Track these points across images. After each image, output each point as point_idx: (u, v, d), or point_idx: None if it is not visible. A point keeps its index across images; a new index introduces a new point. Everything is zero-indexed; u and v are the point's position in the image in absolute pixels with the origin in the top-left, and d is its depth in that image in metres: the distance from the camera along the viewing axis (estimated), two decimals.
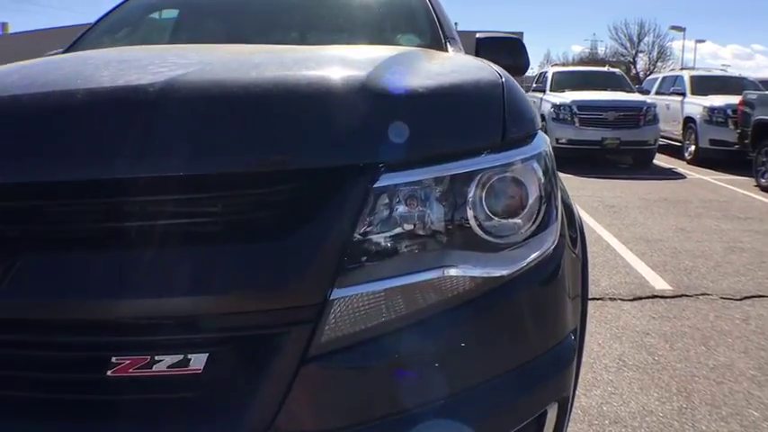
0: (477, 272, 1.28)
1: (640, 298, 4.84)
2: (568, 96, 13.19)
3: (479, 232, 1.30)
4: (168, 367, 1.16)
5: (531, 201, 1.35)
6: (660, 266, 5.71)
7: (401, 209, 1.26)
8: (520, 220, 1.33)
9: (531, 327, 1.39)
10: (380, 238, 1.24)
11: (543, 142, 1.48)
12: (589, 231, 6.94)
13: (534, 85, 16.65)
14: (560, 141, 12.56)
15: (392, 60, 1.62)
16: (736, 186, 10.57)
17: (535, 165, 1.38)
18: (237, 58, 1.69)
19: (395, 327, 1.23)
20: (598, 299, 4.79)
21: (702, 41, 62.85)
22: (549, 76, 15.66)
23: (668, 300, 4.82)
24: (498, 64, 1.73)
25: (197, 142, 1.23)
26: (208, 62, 1.58)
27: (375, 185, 1.23)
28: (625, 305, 4.68)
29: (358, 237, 1.22)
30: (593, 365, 3.61)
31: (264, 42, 2.50)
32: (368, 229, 1.23)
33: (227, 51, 1.91)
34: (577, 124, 12.66)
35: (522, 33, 36.30)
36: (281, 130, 1.27)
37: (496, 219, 1.31)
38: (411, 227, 1.26)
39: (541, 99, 14.30)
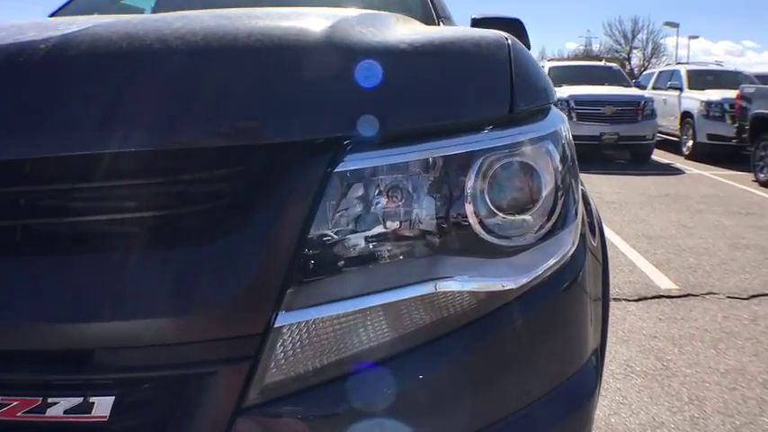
0: (479, 284, 0.99)
1: (646, 298, 4.66)
2: (565, 91, 13.01)
3: (481, 232, 0.99)
4: (65, 412, 0.88)
5: (545, 192, 1.05)
6: (664, 264, 5.52)
7: (375, 201, 0.96)
8: (530, 217, 1.03)
9: (544, 355, 1.10)
10: (347, 242, 0.94)
11: (560, 119, 1.17)
12: None
13: None
14: None
15: (368, 15, 1.23)
16: (734, 181, 10.44)
17: (550, 146, 1.07)
18: (161, 16, 1.21)
19: (367, 364, 0.94)
20: None
21: (696, 38, 62.96)
22: (546, 70, 15.38)
23: (674, 300, 4.64)
24: None
25: (96, 111, 0.91)
26: (128, 19, 1.13)
27: (337, 169, 0.92)
28: (630, 306, 4.49)
29: (315, 240, 0.92)
30: None
31: None
32: (328, 230, 0.93)
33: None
34: (575, 119, 12.46)
35: None
36: (205, 93, 0.94)
37: (502, 215, 1.01)
38: (390, 226, 0.96)
39: None
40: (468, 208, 0.99)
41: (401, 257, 0.97)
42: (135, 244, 0.90)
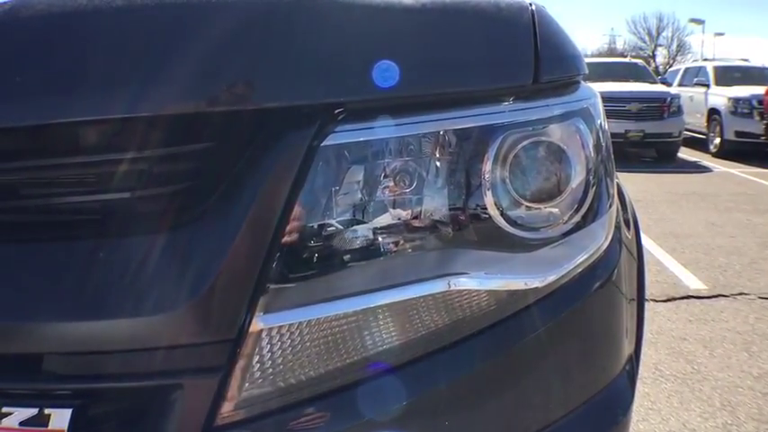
0: (499, 282, 0.86)
1: (674, 299, 4.50)
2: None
3: (501, 222, 0.86)
4: (21, 424, 0.77)
5: (575, 178, 0.91)
6: (693, 264, 5.35)
7: (374, 182, 0.82)
8: (558, 209, 0.90)
9: (573, 364, 0.96)
10: (340, 232, 0.80)
11: (592, 95, 1.03)
12: None
13: None
14: None
15: None
16: (763, 179, 10.20)
17: (581, 124, 0.94)
18: None
19: (367, 375, 0.81)
20: None
21: (721, 35, 61.96)
22: None
23: (704, 300, 4.48)
24: None
25: (48, 75, 0.76)
26: None
27: (324, 143, 0.78)
28: (659, 307, 4.33)
29: (300, 230, 0.78)
30: None
31: None
32: (316, 218, 0.79)
33: None
34: None
35: None
36: (184, 51, 0.77)
37: (525, 203, 0.88)
38: (393, 212, 0.83)
39: None
40: (487, 193, 0.86)
41: (407, 250, 0.84)
42: (85, 234, 0.78)
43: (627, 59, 17.88)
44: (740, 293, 4.64)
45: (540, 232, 0.90)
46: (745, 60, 18.07)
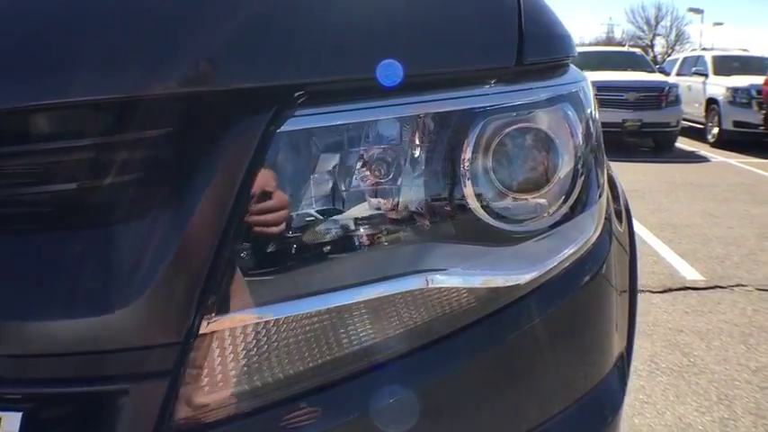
0: (481, 279, 0.80)
1: (671, 290, 4.44)
2: (587, 76, 12.68)
3: (481, 213, 0.80)
4: None
5: (563, 167, 0.85)
6: (690, 255, 5.29)
7: (342, 172, 0.75)
8: (544, 199, 0.84)
9: (560, 364, 0.89)
10: (302, 225, 0.73)
11: (582, 79, 0.97)
12: None
13: None
14: None
15: None
16: (762, 169, 10.13)
17: (569, 110, 0.87)
18: None
19: (332, 379, 0.75)
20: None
21: (720, 24, 61.87)
22: None
23: (701, 292, 4.42)
24: None
25: None
26: None
27: (282, 128, 0.71)
28: (655, 298, 4.27)
29: (255, 223, 0.71)
30: None
31: None
32: (275, 211, 0.72)
33: None
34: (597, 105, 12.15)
35: None
36: (138, 27, 0.70)
37: (509, 192, 0.81)
38: (364, 205, 0.76)
39: None
40: (467, 183, 0.79)
41: (380, 245, 0.77)
42: (26, 229, 0.71)
43: (625, 48, 17.76)
44: (738, 285, 4.58)
45: (524, 225, 0.83)
46: (745, 50, 17.96)
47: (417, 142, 0.78)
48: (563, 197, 0.86)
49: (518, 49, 0.84)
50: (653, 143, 12.74)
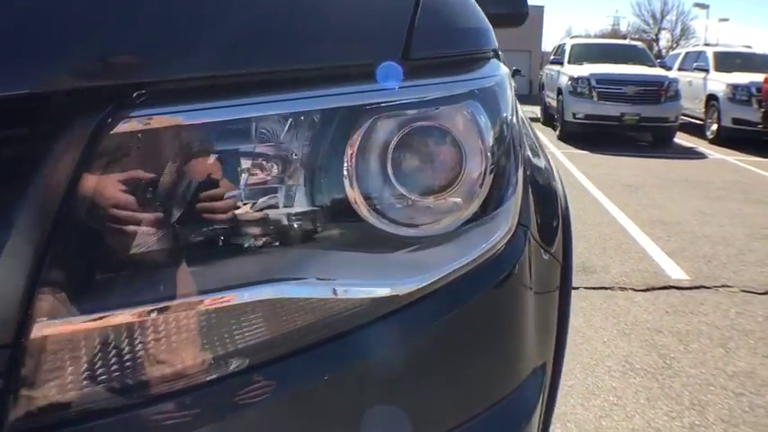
0: (363, 289, 0.73)
1: (654, 288, 4.36)
2: (587, 69, 12.66)
3: (372, 218, 0.73)
4: None
5: (465, 168, 0.77)
6: (677, 253, 5.21)
7: (189, 176, 0.67)
8: (442, 202, 0.77)
9: (455, 377, 0.82)
10: (148, 230, 0.66)
11: (499, 69, 0.89)
12: (602, 212, 6.56)
13: (552, 58, 16.03)
14: (577, 116, 12.20)
15: None
16: (759, 168, 10.05)
17: (474, 108, 0.79)
18: None
19: (187, 385, 0.68)
20: (607, 288, 4.31)
21: (726, 20, 61.57)
22: (568, 48, 14.95)
23: (685, 291, 4.34)
24: (489, 8, 1.15)
25: None
26: None
27: (117, 129, 0.64)
28: (637, 296, 4.20)
29: (88, 225, 0.64)
30: (594, 369, 3.15)
31: None
32: (113, 215, 0.64)
33: None
34: (595, 98, 12.13)
35: (542, 8, 35.63)
36: None
37: (407, 197, 0.75)
38: (212, 209, 0.68)
39: (559, 72, 13.82)
40: (353, 184, 0.72)
41: (228, 250, 0.69)
42: None
43: (626, 41, 17.65)
44: (723, 285, 4.50)
45: (417, 229, 0.75)
46: (748, 47, 17.79)
47: (285, 143, 0.70)
48: (464, 200, 0.77)
49: (405, 44, 0.76)
50: (651, 138, 12.70)
